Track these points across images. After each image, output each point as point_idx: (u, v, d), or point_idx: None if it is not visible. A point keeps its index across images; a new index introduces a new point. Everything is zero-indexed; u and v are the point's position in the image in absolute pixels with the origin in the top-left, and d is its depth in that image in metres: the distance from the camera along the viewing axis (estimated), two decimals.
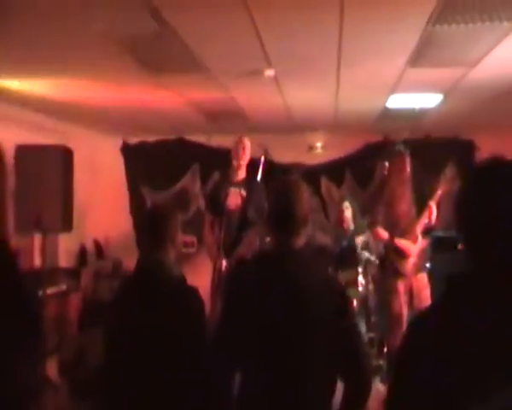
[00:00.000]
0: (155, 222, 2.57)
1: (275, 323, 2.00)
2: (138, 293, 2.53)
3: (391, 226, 4.54)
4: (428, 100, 5.64)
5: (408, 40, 3.68)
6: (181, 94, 5.36)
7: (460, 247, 4.65)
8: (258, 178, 4.76)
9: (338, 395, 2.07)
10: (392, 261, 4.53)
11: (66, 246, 6.76)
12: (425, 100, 5.65)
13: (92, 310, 5.75)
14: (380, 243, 4.91)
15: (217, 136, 7.45)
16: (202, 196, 7.10)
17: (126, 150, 7.84)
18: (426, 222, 4.48)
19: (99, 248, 7.66)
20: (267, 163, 4.92)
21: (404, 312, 4.48)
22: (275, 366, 2.00)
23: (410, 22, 3.35)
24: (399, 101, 5.66)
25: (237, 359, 2.06)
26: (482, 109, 5.90)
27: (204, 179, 7.45)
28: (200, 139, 7.66)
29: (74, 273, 6.66)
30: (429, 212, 4.41)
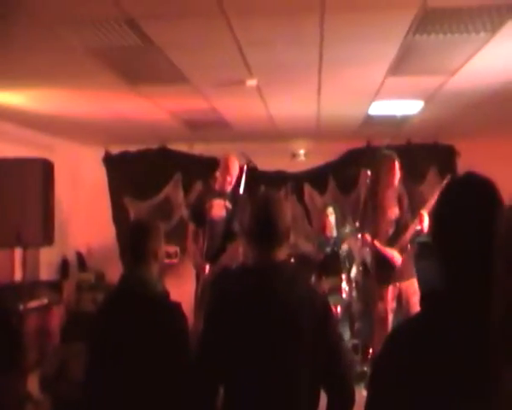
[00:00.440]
0: (138, 237, 2.55)
1: (258, 337, 2.00)
2: (122, 310, 2.52)
3: (380, 233, 4.49)
4: (409, 107, 5.68)
5: (389, 49, 3.71)
6: (163, 104, 5.34)
7: None
8: (241, 187, 4.79)
9: (322, 405, 2.07)
10: (379, 268, 4.49)
11: (47, 258, 6.66)
12: (406, 107, 5.69)
13: (75, 323, 5.68)
14: (364, 249, 4.90)
15: (199, 144, 7.43)
16: (185, 206, 7.06)
17: (109, 160, 7.75)
18: (418, 229, 4.42)
19: (81, 259, 7.58)
20: (250, 171, 4.95)
21: (390, 318, 4.48)
22: (258, 380, 1.99)
23: (391, 32, 3.38)
24: (381, 108, 5.70)
25: (220, 373, 2.05)
26: (462, 115, 5.97)
27: (187, 188, 7.43)
28: (182, 147, 7.63)
29: (56, 286, 6.58)
30: (420, 220, 4.34)
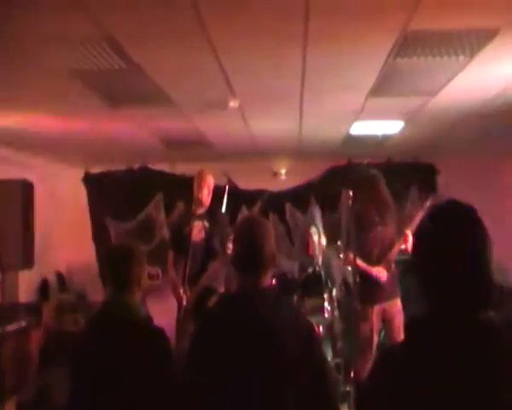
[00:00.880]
0: (120, 264, 2.52)
1: (243, 365, 1.98)
2: (105, 334, 2.49)
3: (364, 252, 4.40)
4: (390, 127, 5.74)
5: (370, 72, 3.75)
6: (145, 124, 5.32)
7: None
8: (223, 207, 4.76)
9: None
10: (363, 289, 4.35)
11: (27, 280, 6.51)
12: (387, 127, 5.75)
13: (55, 344, 5.57)
14: (346, 269, 4.87)
15: (181, 163, 7.40)
16: (167, 226, 7.00)
17: (89, 180, 7.65)
18: (402, 249, 4.39)
19: (62, 280, 7.47)
20: (232, 190, 4.94)
21: (375, 339, 4.44)
22: (247, 406, 1.97)
23: (373, 57, 3.43)
24: (362, 128, 5.75)
25: (205, 402, 2.02)
26: (441, 134, 6.07)
27: (168, 208, 7.36)
28: (164, 167, 7.59)
29: (35, 308, 6.45)
30: (405, 239, 4.33)
